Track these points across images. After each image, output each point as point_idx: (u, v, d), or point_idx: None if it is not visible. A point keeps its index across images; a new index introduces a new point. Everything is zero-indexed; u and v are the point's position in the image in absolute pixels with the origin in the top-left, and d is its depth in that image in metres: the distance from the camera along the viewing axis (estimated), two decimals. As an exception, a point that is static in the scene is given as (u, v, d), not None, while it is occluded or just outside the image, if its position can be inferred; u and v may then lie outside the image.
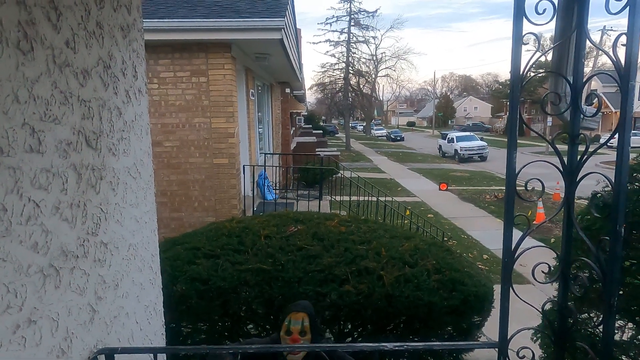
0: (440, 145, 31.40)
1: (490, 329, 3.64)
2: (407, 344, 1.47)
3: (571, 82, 1.39)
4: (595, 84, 35.35)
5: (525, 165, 1.41)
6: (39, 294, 1.25)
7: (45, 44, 1.30)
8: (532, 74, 1.50)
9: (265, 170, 8.23)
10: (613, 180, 1.27)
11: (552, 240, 9.19)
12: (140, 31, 2.03)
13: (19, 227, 1.17)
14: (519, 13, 1.32)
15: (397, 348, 1.45)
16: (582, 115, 1.40)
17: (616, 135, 1.30)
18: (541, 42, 1.41)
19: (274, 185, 8.93)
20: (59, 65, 1.37)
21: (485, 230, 10.65)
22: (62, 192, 1.37)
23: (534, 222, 9.65)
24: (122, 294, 1.77)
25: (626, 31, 1.18)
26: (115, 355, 1.59)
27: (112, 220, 1.70)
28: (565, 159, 1.42)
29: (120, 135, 1.80)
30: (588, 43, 1.41)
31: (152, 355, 1.92)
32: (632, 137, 1.25)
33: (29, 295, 1.21)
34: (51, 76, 1.33)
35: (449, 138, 29.95)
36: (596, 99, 1.48)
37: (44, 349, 1.27)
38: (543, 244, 1.63)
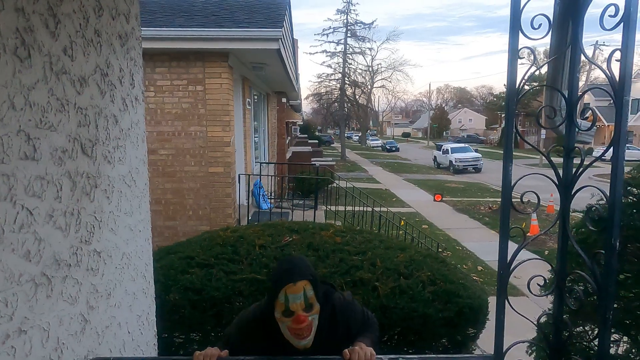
0: (435, 157, 31.53)
1: (485, 341, 3.63)
2: (403, 355, 1.46)
3: (566, 96, 1.41)
4: (587, 97, 35.79)
5: (521, 178, 1.42)
6: (30, 303, 1.23)
7: (42, 51, 1.30)
8: (528, 88, 1.51)
9: (260, 180, 8.21)
10: (608, 194, 1.28)
11: (546, 252, 9.21)
12: (138, 39, 2.03)
13: (11, 235, 1.16)
14: (515, 27, 1.33)
15: (392, 360, 1.44)
16: (577, 129, 1.41)
17: (611, 149, 1.31)
18: (535, 56, 1.43)
19: (269, 194, 8.92)
20: (56, 73, 1.37)
21: (480, 242, 10.65)
22: (56, 200, 1.36)
23: (528, 234, 9.68)
24: (114, 303, 1.75)
25: (620, 46, 1.20)
26: (106, 366, 1.57)
27: (106, 228, 1.68)
28: (560, 171, 1.43)
29: (116, 143, 1.79)
30: (582, 57, 1.42)
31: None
32: (626, 151, 1.26)
33: (20, 304, 1.19)
34: (48, 83, 1.32)
35: (443, 149, 30.10)
36: (589, 111, 1.49)
37: (34, 360, 1.25)
38: (539, 257, 1.63)
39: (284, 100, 15.49)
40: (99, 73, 1.65)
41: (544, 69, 1.61)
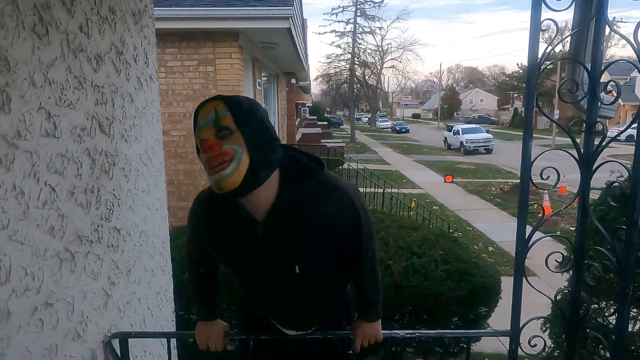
0: (445, 138, 31.23)
1: (496, 321, 3.65)
2: (419, 331, 1.48)
3: (589, 69, 1.37)
4: (603, 76, 34.94)
5: (541, 154, 1.40)
6: (55, 278, 1.26)
7: (60, 28, 1.30)
8: (549, 63, 1.48)
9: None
10: (630, 170, 1.26)
11: (558, 232, 9.16)
12: (151, 17, 2.02)
13: (36, 211, 1.18)
14: (538, -1, 1.30)
15: (409, 335, 1.45)
16: (599, 103, 1.38)
17: (627, 127, 1.28)
18: (551, 33, 1.39)
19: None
20: (73, 50, 1.37)
21: (491, 223, 10.63)
22: (76, 177, 1.37)
23: (539, 215, 9.60)
24: (134, 279, 1.79)
25: (648, 17, 1.16)
26: (128, 339, 1.61)
27: (124, 206, 1.71)
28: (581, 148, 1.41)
29: (132, 122, 1.80)
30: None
31: (159, 340, 1.94)
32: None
33: (46, 278, 1.22)
34: (66, 61, 1.33)
35: (454, 130, 29.77)
36: (612, 83, 1.46)
37: (61, 332, 1.29)
38: (557, 234, 1.62)
39: (293, 81, 15.38)
40: (114, 51, 1.65)
41: (558, 48, 1.57)
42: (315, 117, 34.88)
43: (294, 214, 1.27)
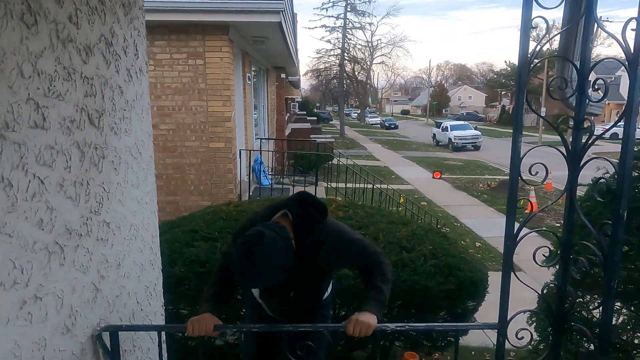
0: (434, 134, 31.40)
1: (483, 315, 3.70)
2: (409, 324, 1.49)
3: (578, 67, 1.39)
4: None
5: (529, 150, 1.42)
6: (44, 271, 1.25)
7: (48, 18, 1.28)
8: (538, 61, 1.50)
9: (261, 155, 8.20)
10: (617, 166, 1.29)
11: (544, 228, 9.29)
12: (141, 9, 2.00)
13: (24, 204, 1.17)
14: (529, -4, 1.31)
15: (398, 328, 1.47)
16: (587, 100, 1.40)
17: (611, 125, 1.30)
18: (540, 31, 1.41)
19: (268, 170, 8.92)
20: (62, 41, 1.35)
21: (478, 218, 10.73)
22: (66, 170, 1.36)
23: (526, 211, 9.72)
24: (123, 273, 1.77)
25: (636, 16, 1.18)
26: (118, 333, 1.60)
27: (114, 199, 1.69)
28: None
29: (122, 115, 1.78)
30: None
31: (149, 334, 1.93)
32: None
33: (35, 271, 1.21)
34: (55, 51, 1.31)
35: (443, 127, 29.94)
36: (600, 81, 1.48)
37: (50, 326, 1.28)
38: (544, 230, 1.65)
39: (283, 76, 15.31)
40: (104, 42, 1.63)
41: (547, 46, 1.59)
42: (305, 112, 34.80)
43: (309, 257, 1.75)
